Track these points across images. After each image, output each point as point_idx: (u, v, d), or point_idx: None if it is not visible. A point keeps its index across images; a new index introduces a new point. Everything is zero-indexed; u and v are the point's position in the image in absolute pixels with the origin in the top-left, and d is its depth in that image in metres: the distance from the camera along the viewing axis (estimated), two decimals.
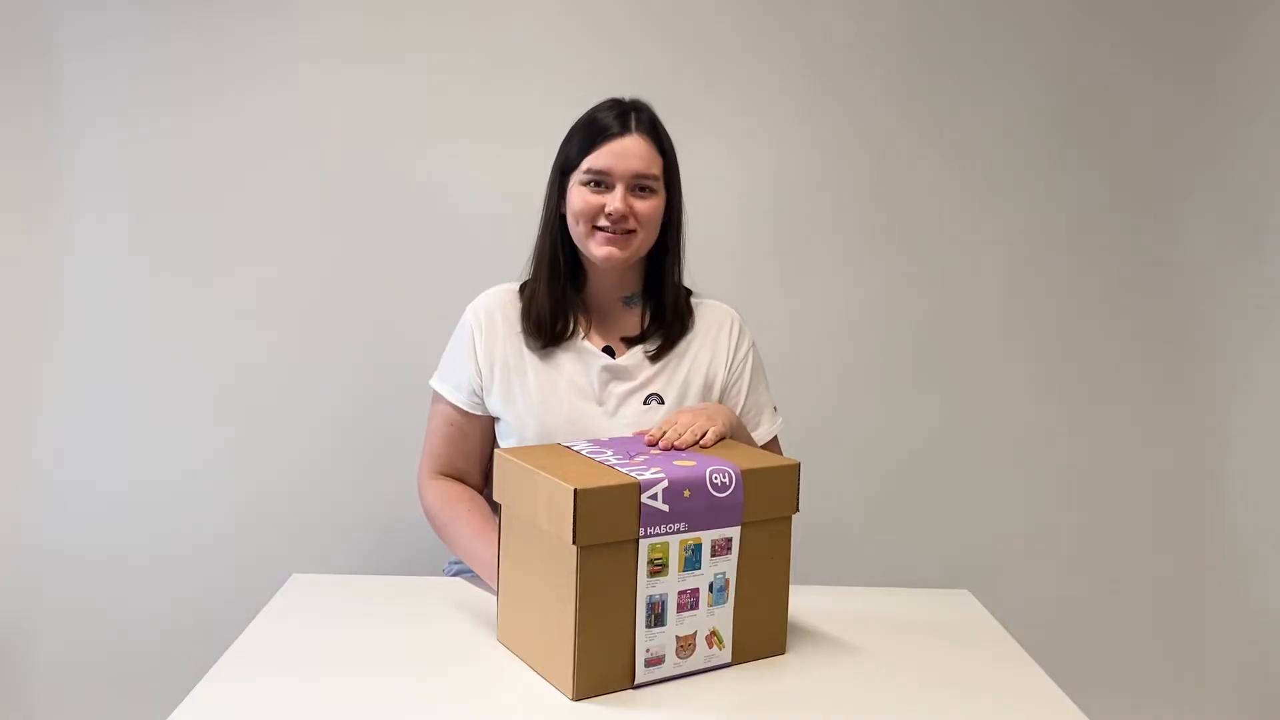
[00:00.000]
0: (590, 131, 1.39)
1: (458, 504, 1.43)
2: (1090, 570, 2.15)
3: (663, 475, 1.08)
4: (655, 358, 1.46)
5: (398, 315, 2.02)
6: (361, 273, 2.02)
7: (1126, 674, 2.16)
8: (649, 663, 1.10)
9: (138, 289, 2.00)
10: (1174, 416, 2.14)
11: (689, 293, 1.53)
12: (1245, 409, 2.14)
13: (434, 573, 1.55)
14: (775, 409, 1.55)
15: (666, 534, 1.08)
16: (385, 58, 1.98)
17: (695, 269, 1.56)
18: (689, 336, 1.49)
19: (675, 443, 1.23)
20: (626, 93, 1.47)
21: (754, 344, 1.54)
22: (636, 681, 1.10)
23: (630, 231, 1.38)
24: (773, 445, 1.55)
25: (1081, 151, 2.08)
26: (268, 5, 1.96)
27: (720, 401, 1.49)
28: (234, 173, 1.99)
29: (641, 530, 1.07)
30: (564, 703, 1.08)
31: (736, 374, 1.50)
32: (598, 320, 1.48)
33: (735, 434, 1.35)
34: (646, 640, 1.09)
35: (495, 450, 1.21)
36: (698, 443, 1.25)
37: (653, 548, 1.08)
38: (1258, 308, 2.11)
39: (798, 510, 1.19)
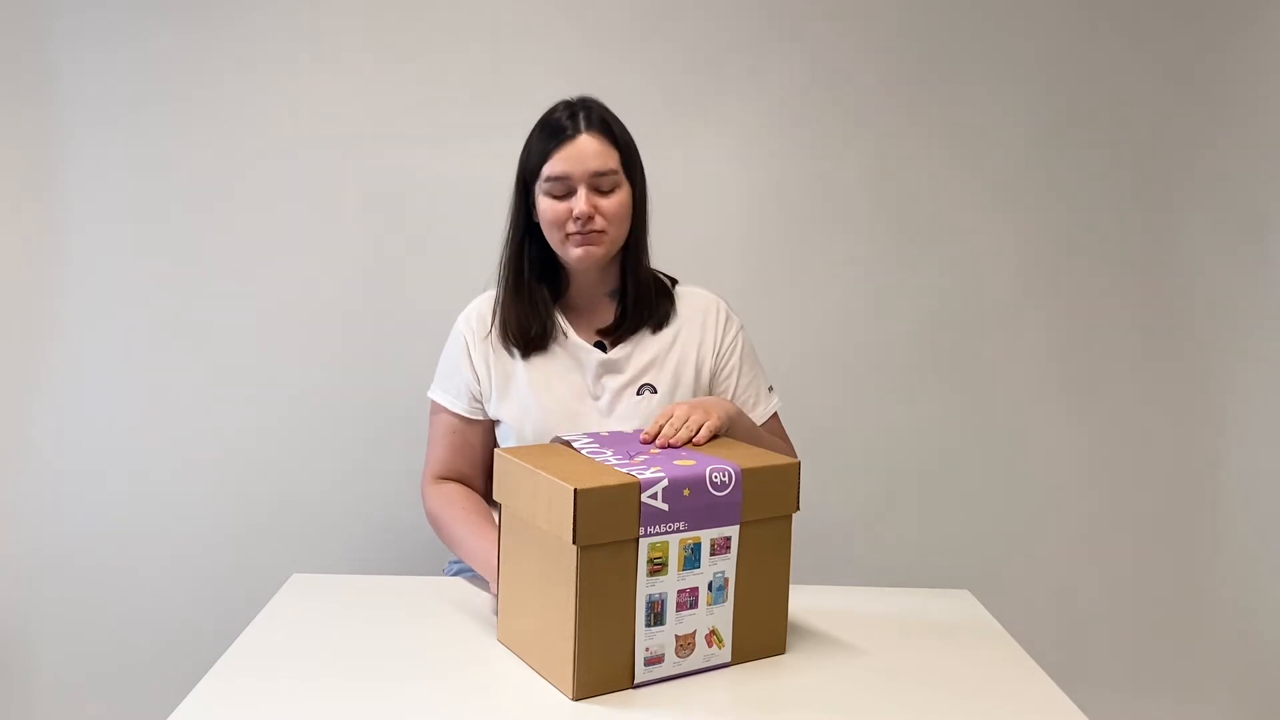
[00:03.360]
0: (543, 138, 1.40)
1: (456, 505, 1.44)
2: (1090, 570, 2.15)
3: (663, 475, 1.08)
4: (618, 341, 1.46)
5: (398, 315, 2.02)
6: (362, 273, 2.02)
7: (1126, 674, 2.16)
8: (648, 662, 1.10)
9: (136, 290, 2.00)
10: (1175, 416, 2.14)
11: (674, 281, 1.54)
12: (1246, 409, 2.13)
13: (434, 573, 1.56)
14: (771, 388, 1.56)
15: (666, 533, 1.08)
16: (385, 58, 1.98)
17: (700, 268, 1.57)
18: (675, 325, 1.49)
19: (671, 440, 1.23)
20: (630, 92, 1.46)
21: (742, 327, 1.55)
22: (636, 681, 1.10)
23: (600, 231, 1.39)
24: (773, 423, 1.54)
25: (1082, 151, 2.08)
26: (266, 6, 1.96)
27: (712, 387, 1.50)
28: (235, 174, 1.99)
29: (641, 529, 1.07)
30: (564, 703, 1.08)
31: (725, 359, 1.51)
32: (586, 316, 1.49)
33: (735, 422, 1.35)
34: (646, 639, 1.09)
35: (495, 450, 1.21)
36: (692, 439, 1.25)
37: (652, 547, 1.08)
38: (1258, 307, 2.11)
39: (798, 509, 1.19)
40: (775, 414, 1.55)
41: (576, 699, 1.07)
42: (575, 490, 1.03)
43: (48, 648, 2.05)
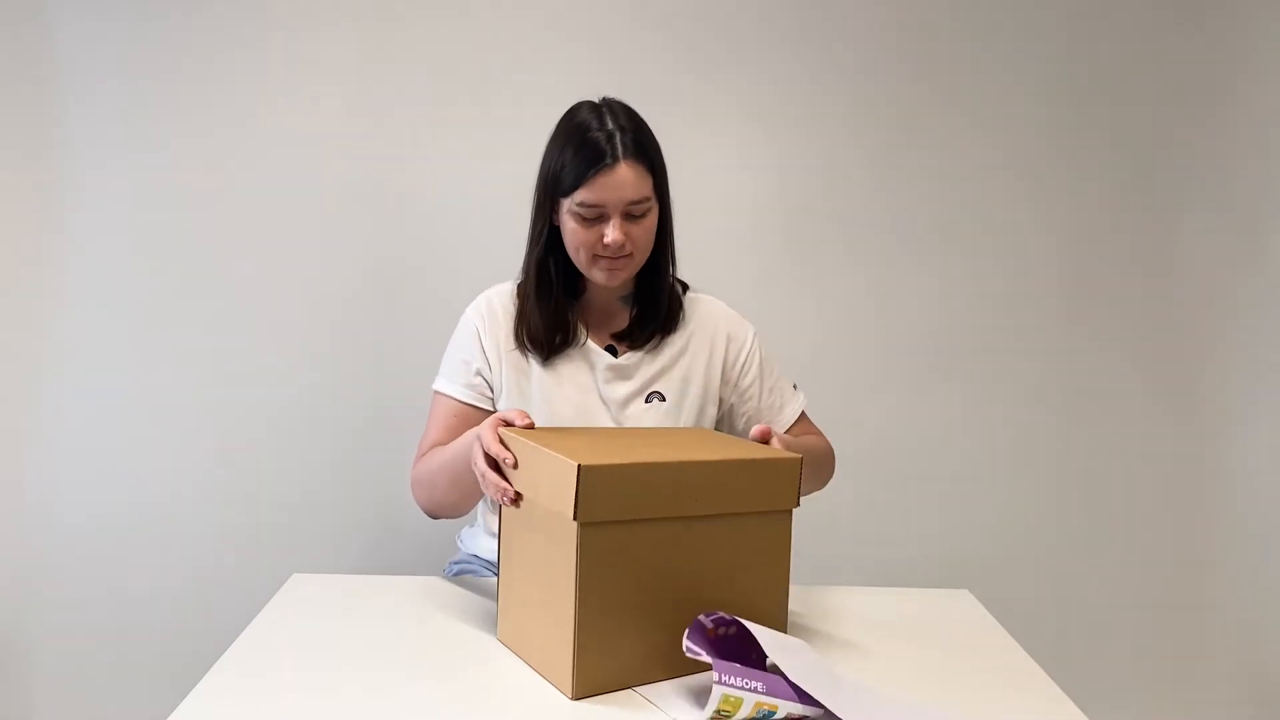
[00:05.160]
0: (579, 159, 1.33)
1: (432, 451, 1.42)
2: (1090, 570, 2.15)
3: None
4: (629, 348, 1.46)
5: (399, 316, 2.02)
6: (363, 273, 2.02)
7: (1126, 674, 2.16)
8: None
9: (137, 289, 2.00)
10: (1174, 416, 2.14)
11: (685, 287, 1.53)
12: (1245, 409, 2.14)
13: (434, 573, 1.55)
14: (795, 386, 1.56)
15: (743, 690, 1.00)
16: (387, 57, 1.98)
17: (700, 269, 1.56)
18: (685, 333, 1.49)
19: None
20: (633, 91, 1.44)
21: (756, 333, 1.54)
22: (638, 684, 1.10)
23: (628, 255, 1.38)
24: (803, 421, 1.54)
25: (1083, 152, 2.08)
26: (268, 5, 1.96)
27: (731, 391, 1.50)
28: (238, 173, 1.99)
29: (718, 676, 1.00)
30: (564, 702, 1.07)
31: (744, 367, 1.50)
32: (601, 319, 1.48)
33: None
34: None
35: (500, 430, 1.18)
36: None
37: (725, 698, 0.99)
38: (1258, 309, 2.11)
39: (798, 505, 1.18)
40: (804, 412, 1.55)
41: (576, 698, 1.07)
42: (579, 466, 1.01)
43: (47, 648, 2.05)
